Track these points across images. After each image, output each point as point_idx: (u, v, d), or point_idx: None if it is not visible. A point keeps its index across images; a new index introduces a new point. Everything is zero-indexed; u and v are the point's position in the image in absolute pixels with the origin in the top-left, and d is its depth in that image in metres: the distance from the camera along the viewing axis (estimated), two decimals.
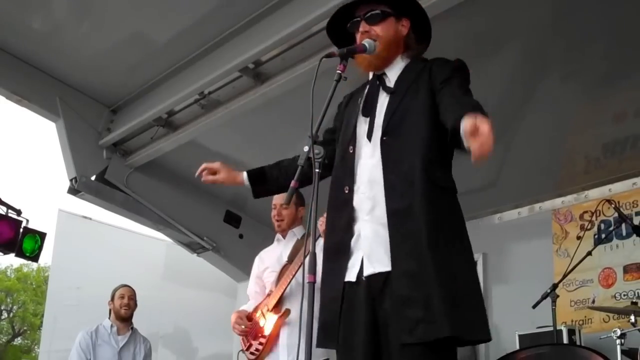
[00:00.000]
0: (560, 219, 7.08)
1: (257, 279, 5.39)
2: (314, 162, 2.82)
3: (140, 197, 7.69)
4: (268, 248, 5.52)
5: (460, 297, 2.80)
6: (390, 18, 3.20)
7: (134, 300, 6.97)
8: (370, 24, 3.18)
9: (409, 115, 3.04)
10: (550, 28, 5.40)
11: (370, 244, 2.99)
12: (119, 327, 6.90)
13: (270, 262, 5.32)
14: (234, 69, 6.07)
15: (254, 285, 5.40)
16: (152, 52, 6.55)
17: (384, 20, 3.19)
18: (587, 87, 5.91)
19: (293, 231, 5.35)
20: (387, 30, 3.18)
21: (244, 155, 7.33)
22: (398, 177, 2.96)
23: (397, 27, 3.21)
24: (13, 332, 34.75)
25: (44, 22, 6.47)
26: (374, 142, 3.09)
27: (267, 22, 5.84)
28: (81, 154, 7.27)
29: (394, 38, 3.19)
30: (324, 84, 2.86)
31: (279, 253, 5.31)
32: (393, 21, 3.20)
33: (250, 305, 5.32)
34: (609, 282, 6.58)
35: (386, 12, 3.19)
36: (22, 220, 7.20)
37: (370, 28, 3.18)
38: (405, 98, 3.08)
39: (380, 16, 3.18)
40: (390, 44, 3.18)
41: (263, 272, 5.35)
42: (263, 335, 5.06)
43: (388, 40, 3.17)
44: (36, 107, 7.13)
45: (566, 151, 6.63)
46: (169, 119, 6.96)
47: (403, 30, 3.23)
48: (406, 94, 3.10)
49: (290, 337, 4.96)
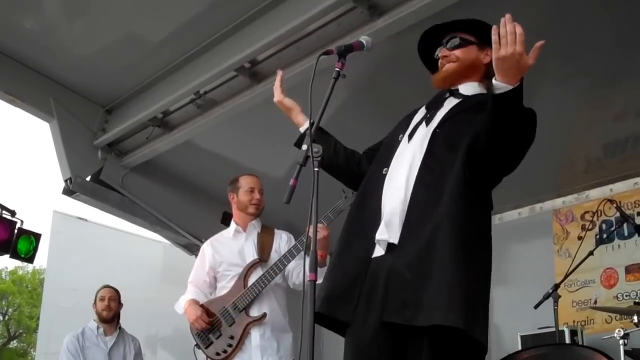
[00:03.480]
0: (561, 219, 7.05)
1: (210, 269, 5.18)
2: (313, 160, 2.80)
3: (136, 198, 7.65)
4: (221, 238, 5.35)
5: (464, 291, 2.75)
6: (472, 46, 3.22)
7: (116, 301, 6.91)
8: (450, 49, 3.23)
9: (463, 123, 3.03)
10: (549, 28, 5.34)
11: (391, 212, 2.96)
12: (105, 328, 6.85)
13: (228, 255, 5.15)
14: (230, 68, 6.01)
15: (205, 274, 5.19)
16: (147, 52, 6.50)
17: (464, 47, 3.22)
18: (587, 86, 5.90)
19: (253, 223, 5.23)
20: (467, 54, 3.22)
21: (240, 156, 7.35)
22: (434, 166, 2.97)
23: (478, 55, 3.22)
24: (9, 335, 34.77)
25: (37, 21, 6.40)
26: (427, 130, 3.10)
27: (263, 20, 5.79)
28: (76, 154, 7.21)
29: (472, 62, 3.22)
30: (321, 82, 2.84)
31: (239, 246, 5.17)
32: (475, 49, 3.22)
33: (198, 294, 5.16)
34: (611, 283, 6.56)
35: (467, 40, 3.22)
36: (17, 221, 7.13)
37: (449, 53, 3.23)
38: (470, 110, 3.07)
39: (460, 44, 3.22)
40: (466, 65, 3.21)
41: (219, 265, 5.15)
42: (231, 336, 4.93)
43: (465, 61, 3.21)
44: (30, 107, 7.08)
45: (567, 151, 6.61)
46: (165, 119, 6.91)
47: (485, 58, 3.21)
48: (471, 107, 3.08)
49: (263, 338, 4.90)
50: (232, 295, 4.98)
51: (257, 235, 5.19)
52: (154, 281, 9.05)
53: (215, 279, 5.18)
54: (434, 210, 2.86)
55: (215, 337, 4.96)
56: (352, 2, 5.04)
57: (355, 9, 5.10)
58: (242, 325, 4.90)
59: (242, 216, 5.24)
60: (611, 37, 5.29)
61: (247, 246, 5.14)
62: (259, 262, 5.03)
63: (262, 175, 7.28)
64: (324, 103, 2.90)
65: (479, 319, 2.78)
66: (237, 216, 5.28)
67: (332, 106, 2.95)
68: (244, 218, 5.23)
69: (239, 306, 4.92)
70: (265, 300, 4.95)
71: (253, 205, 5.19)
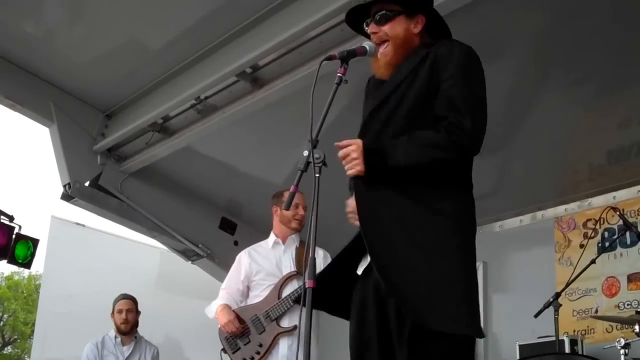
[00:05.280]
0: (563, 227, 7.00)
1: (245, 277, 5.28)
2: (314, 166, 2.79)
3: (134, 204, 7.61)
4: (259, 248, 5.43)
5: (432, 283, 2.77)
6: (400, 17, 3.14)
7: (133, 312, 6.94)
8: (379, 24, 3.15)
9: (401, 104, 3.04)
10: (553, 33, 5.35)
11: None
12: (122, 338, 6.88)
13: (266, 265, 5.25)
14: (231, 73, 5.99)
15: (239, 283, 5.29)
16: (147, 56, 6.48)
17: (392, 20, 3.13)
18: (591, 93, 5.87)
19: (292, 237, 5.31)
20: (395, 29, 3.13)
21: (240, 162, 7.36)
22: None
23: (407, 25, 3.15)
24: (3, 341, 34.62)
25: (38, 26, 6.38)
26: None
27: (265, 25, 5.76)
28: (75, 159, 7.19)
29: (403, 37, 3.14)
30: (322, 88, 2.84)
31: (277, 258, 5.26)
32: (403, 19, 3.15)
33: (230, 301, 5.24)
34: (612, 292, 6.50)
35: (395, 11, 3.14)
36: (15, 226, 7.08)
37: (378, 29, 3.16)
38: (400, 86, 3.05)
39: (387, 16, 3.14)
40: (398, 45, 3.14)
41: (255, 274, 5.25)
42: (260, 344, 5.03)
43: (397, 40, 3.13)
44: (29, 112, 7.04)
45: (569, 158, 6.58)
46: (165, 124, 6.89)
47: (416, 27, 3.16)
48: (402, 83, 3.06)
49: (291, 349, 4.98)
50: (266, 305, 5.09)
51: (296, 249, 5.26)
52: (150, 287, 9.00)
53: (249, 288, 5.29)
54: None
55: (243, 343, 5.09)
56: None
57: None
58: (272, 334, 5.02)
59: (284, 229, 5.34)
60: (616, 43, 5.26)
61: (285, 258, 5.25)
62: (295, 275, 5.13)
63: (262, 182, 7.30)
64: (325, 109, 2.88)
65: (435, 306, 2.75)
66: (277, 228, 5.38)
67: (333, 111, 2.93)
68: (284, 231, 5.33)
69: (272, 316, 5.04)
70: (297, 313, 4.97)
71: (296, 221, 5.28)
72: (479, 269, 7.16)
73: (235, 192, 8.07)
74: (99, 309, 7.06)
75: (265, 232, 5.51)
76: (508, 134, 6.25)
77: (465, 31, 5.23)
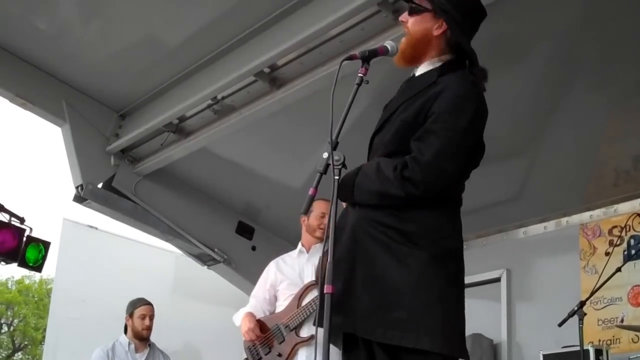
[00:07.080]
0: (588, 234, 6.89)
1: (270, 287, 5.33)
2: (334, 169, 2.73)
3: (148, 206, 7.54)
4: (287, 257, 5.47)
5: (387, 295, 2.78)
6: (426, 14, 3.02)
7: (154, 319, 6.80)
8: (410, 14, 3.07)
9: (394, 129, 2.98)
10: (580, 32, 5.27)
11: None
12: (137, 345, 6.70)
13: (290, 274, 5.29)
14: (248, 73, 5.91)
15: (265, 292, 5.35)
16: (163, 55, 6.41)
17: (419, 14, 3.03)
18: (617, 95, 5.76)
19: (317, 247, 5.30)
20: (416, 25, 3.03)
21: (258, 164, 7.33)
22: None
23: (430, 25, 3.02)
24: (13, 347, 34.69)
25: (51, 24, 6.33)
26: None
27: (284, 24, 5.70)
28: (88, 160, 7.12)
29: (420, 36, 3.03)
30: (341, 89, 2.78)
31: (301, 267, 5.29)
32: (429, 18, 3.02)
33: (256, 309, 5.27)
34: (638, 301, 6.39)
35: (420, 7, 3.03)
36: (26, 228, 7.04)
37: (407, 19, 3.07)
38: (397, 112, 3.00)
39: (417, 9, 3.04)
40: (412, 42, 3.04)
41: (280, 283, 5.29)
42: (279, 354, 5.04)
43: (413, 36, 3.04)
44: (41, 111, 6.98)
45: (595, 163, 6.48)
46: (180, 125, 6.80)
47: (437, 30, 3.02)
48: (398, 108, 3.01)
49: (310, 358, 4.96)
50: (286, 314, 5.12)
51: (319, 258, 5.17)
52: (165, 292, 8.94)
53: (275, 297, 5.33)
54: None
55: (264, 352, 5.11)
56: (376, 6, 4.95)
57: (379, 12, 5.00)
58: (291, 344, 5.02)
59: (309, 239, 5.36)
60: None
61: (307, 267, 5.26)
62: (314, 284, 5.07)
63: (280, 185, 7.24)
64: (345, 110, 2.82)
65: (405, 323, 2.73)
66: (304, 238, 5.41)
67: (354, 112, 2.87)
68: (310, 241, 5.36)
69: (290, 325, 5.06)
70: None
71: (321, 230, 5.25)
72: (503, 276, 7.18)
73: (253, 195, 8.03)
74: (113, 314, 7.00)
75: (284, 237, 5.47)
76: (532, 138, 6.20)
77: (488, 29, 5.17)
